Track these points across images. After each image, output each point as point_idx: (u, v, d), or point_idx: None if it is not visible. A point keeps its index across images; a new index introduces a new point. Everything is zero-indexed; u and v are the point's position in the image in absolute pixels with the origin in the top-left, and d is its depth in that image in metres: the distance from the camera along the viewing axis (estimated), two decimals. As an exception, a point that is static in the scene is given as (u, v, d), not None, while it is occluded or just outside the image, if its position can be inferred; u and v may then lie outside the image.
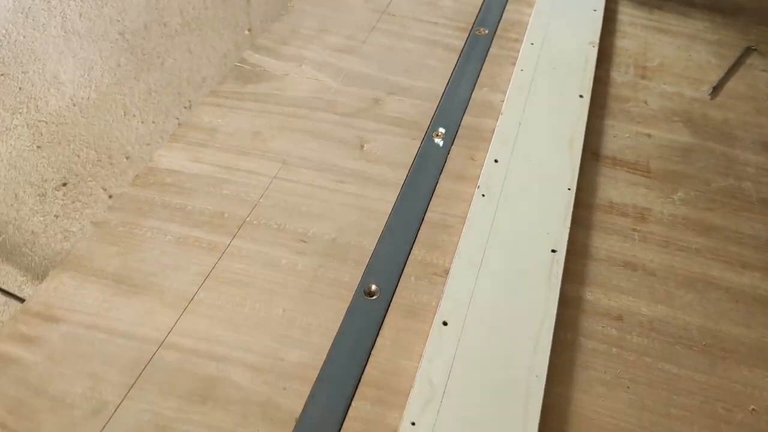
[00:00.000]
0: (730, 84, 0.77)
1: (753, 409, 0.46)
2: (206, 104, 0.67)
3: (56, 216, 1.04)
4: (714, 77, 0.78)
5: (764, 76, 0.80)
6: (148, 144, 1.19)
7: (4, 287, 0.93)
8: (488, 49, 0.78)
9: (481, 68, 0.75)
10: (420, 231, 0.56)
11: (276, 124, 0.66)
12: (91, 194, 1.09)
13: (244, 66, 0.73)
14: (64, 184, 1.03)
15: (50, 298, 0.49)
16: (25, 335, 0.47)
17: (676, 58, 0.81)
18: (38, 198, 0.98)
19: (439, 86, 0.72)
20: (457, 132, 0.66)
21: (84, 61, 0.92)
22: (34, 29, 0.82)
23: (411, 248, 0.55)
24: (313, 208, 0.58)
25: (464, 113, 0.69)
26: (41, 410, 0.43)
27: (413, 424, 0.42)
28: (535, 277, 0.51)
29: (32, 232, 1.01)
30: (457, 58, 0.76)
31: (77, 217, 1.07)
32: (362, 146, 0.64)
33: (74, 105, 0.94)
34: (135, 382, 0.45)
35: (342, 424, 0.43)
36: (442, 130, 0.66)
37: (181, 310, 0.49)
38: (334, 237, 0.56)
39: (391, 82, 0.72)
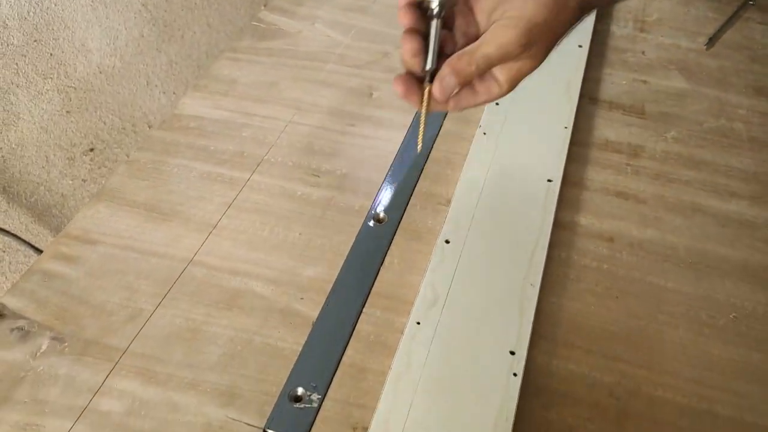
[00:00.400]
0: (727, 35, 0.80)
1: (734, 317, 0.50)
2: (225, 58, 0.72)
3: (84, 180, 1.09)
4: (711, 30, 0.81)
5: (760, 27, 0.83)
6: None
7: (37, 246, 0.98)
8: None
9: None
10: (426, 166, 0.61)
11: (290, 75, 0.70)
12: (116, 160, 1.14)
13: (260, 24, 0.77)
14: (92, 150, 1.08)
15: (87, 224, 0.54)
16: (66, 255, 0.52)
17: (675, 12, 0.84)
18: (67, 162, 1.04)
19: (444, 41, 0.76)
20: (460, 80, 0.70)
21: (109, 30, 0.97)
22: (64, -3, 0.87)
23: (417, 181, 0.59)
24: (326, 148, 0.62)
25: (468, 64, 0.72)
26: (84, 316, 0.48)
27: (418, 323, 0.46)
28: (531, 203, 0.55)
29: (62, 194, 1.06)
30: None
31: (103, 182, 1.12)
32: (371, 94, 0.68)
33: (101, 72, 1.00)
34: (167, 293, 0.49)
35: (354, 327, 0.48)
36: (446, 78, 0.70)
37: (206, 234, 0.54)
38: (345, 172, 0.60)
39: (397, 37, 0.76)
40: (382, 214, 0.56)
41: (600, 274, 0.53)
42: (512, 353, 0.45)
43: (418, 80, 0.37)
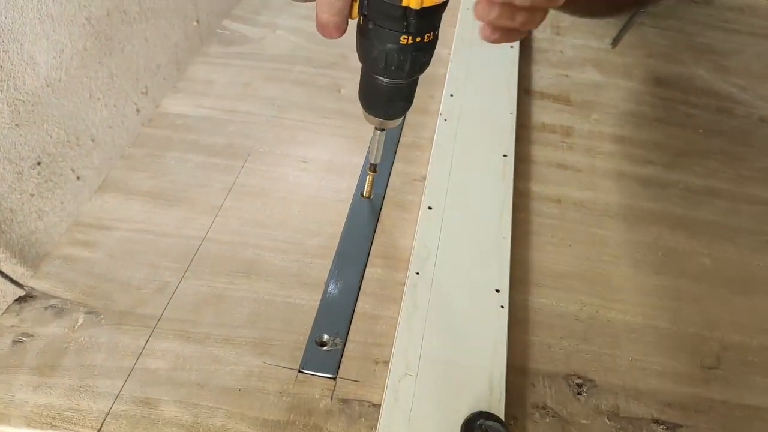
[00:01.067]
0: (626, 37, 0.95)
1: (661, 254, 0.62)
2: (198, 63, 0.77)
3: (32, 195, 1.09)
4: (613, 32, 0.96)
5: (652, 30, 0.99)
6: (110, 127, 1.25)
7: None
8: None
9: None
10: (398, 150, 0.69)
11: (263, 76, 0.76)
12: (61, 174, 1.14)
13: (225, 32, 0.83)
14: (39, 163, 1.08)
15: (98, 212, 0.58)
16: (82, 240, 0.55)
17: (582, 20, 0.99)
18: (16, 176, 1.04)
19: (395, 44, 0.85)
20: (415, 78, 0.80)
21: (56, 44, 0.99)
22: (14, 10, 0.89)
23: (393, 163, 0.67)
24: (308, 138, 0.69)
25: (419, 63, 0.82)
26: (113, 291, 0.52)
27: (418, 273, 0.54)
28: (493, 174, 0.65)
29: (11, 209, 1.06)
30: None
31: (49, 197, 1.12)
32: (339, 90, 0.76)
33: (47, 86, 1.01)
34: (188, 267, 0.54)
35: (361, 283, 0.55)
36: (403, 76, 0.79)
37: (213, 215, 0.59)
38: (329, 158, 0.67)
39: (352, 42, 0.84)
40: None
41: (554, 228, 0.63)
42: (497, 291, 0.54)
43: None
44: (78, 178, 1.17)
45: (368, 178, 0.61)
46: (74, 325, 0.49)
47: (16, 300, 0.50)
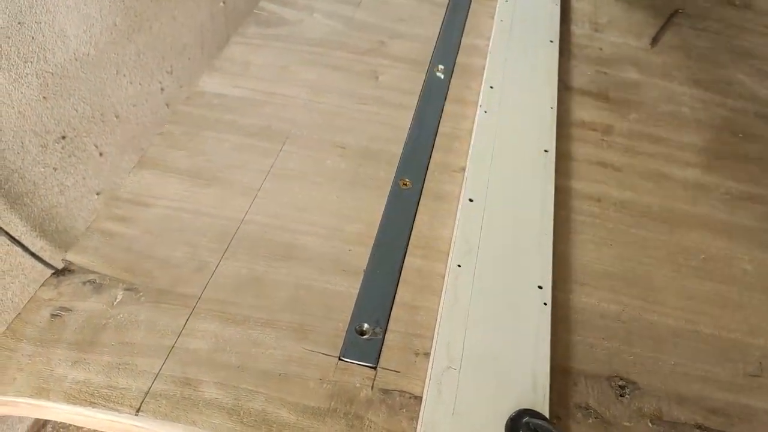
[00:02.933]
0: (665, 37, 0.94)
1: (703, 258, 0.61)
2: (235, 43, 0.76)
3: (54, 168, 1.08)
4: (652, 32, 0.94)
5: (691, 32, 0.97)
6: (134, 105, 1.24)
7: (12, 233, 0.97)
8: (470, 4, 0.90)
9: (466, 19, 0.87)
10: (436, 140, 0.68)
11: (299, 60, 0.75)
12: (85, 150, 1.13)
13: (262, 12, 0.82)
14: (63, 138, 1.08)
15: (136, 189, 0.57)
16: (121, 216, 0.55)
17: (621, 17, 0.97)
18: (40, 149, 1.03)
19: (432, 33, 0.84)
20: (453, 69, 0.79)
21: (87, 18, 0.98)
22: (47, -18, 0.87)
23: (431, 152, 0.66)
24: (344, 124, 0.68)
25: (457, 54, 0.81)
26: (152, 269, 0.51)
27: (459, 266, 0.53)
28: (533, 169, 0.64)
29: (33, 182, 1.05)
30: (444, 11, 0.89)
31: (72, 171, 1.11)
32: (377, 77, 0.75)
33: (76, 59, 1.00)
34: (227, 248, 0.54)
35: (400, 273, 0.54)
36: (441, 66, 0.78)
37: (251, 197, 0.58)
38: (366, 145, 0.66)
39: (390, 29, 0.83)
40: (407, 180, 0.63)
41: (594, 227, 0.62)
42: (540, 287, 0.53)
43: None
44: (101, 154, 1.16)
45: None
46: (113, 301, 0.48)
47: (53, 273, 0.50)
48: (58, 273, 0.49)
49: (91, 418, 0.43)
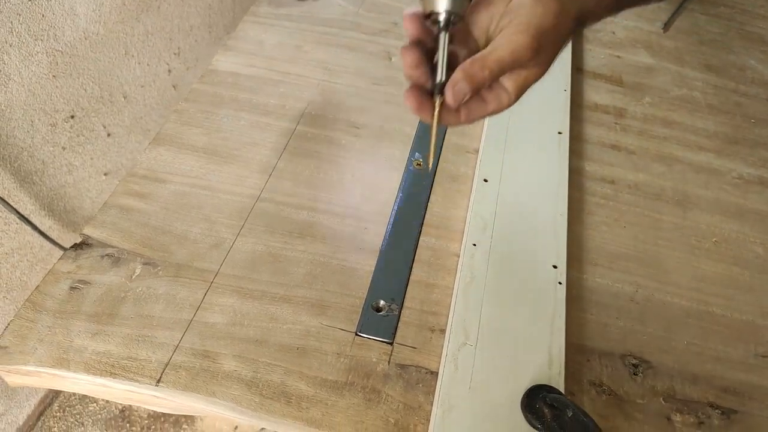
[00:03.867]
0: (678, 22, 0.93)
1: (715, 241, 0.61)
2: (248, 22, 0.76)
3: (63, 148, 1.08)
4: (665, 17, 0.94)
5: (702, 17, 0.97)
6: (142, 86, 1.24)
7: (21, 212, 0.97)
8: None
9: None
10: (450, 121, 0.68)
11: (313, 40, 0.75)
12: (93, 130, 1.13)
13: (275, -8, 0.81)
14: (72, 117, 1.07)
15: (152, 165, 0.57)
16: (137, 192, 0.55)
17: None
18: (50, 128, 1.03)
19: (445, 15, 0.84)
20: (466, 50, 0.78)
21: (96, -4, 0.97)
22: (58, -42, 0.87)
23: (445, 134, 0.66)
24: (358, 104, 0.68)
25: (470, 36, 0.80)
26: (170, 244, 0.51)
27: (474, 245, 0.54)
28: (548, 150, 0.64)
29: (42, 161, 1.05)
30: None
31: (80, 151, 1.11)
32: (390, 58, 0.75)
33: (86, 38, 0.99)
34: (244, 224, 0.54)
35: (415, 252, 0.55)
36: (454, 47, 0.78)
37: (267, 175, 0.58)
38: (381, 124, 0.66)
39: (403, 10, 0.83)
40: (421, 161, 0.63)
41: (608, 209, 0.62)
42: (555, 267, 0.53)
43: (429, 93, 0.35)
44: (108, 134, 1.16)
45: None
46: (131, 274, 0.49)
47: (71, 247, 0.50)
48: (76, 247, 0.50)
49: (111, 389, 0.44)
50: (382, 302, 0.50)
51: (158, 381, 0.43)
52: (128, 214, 0.53)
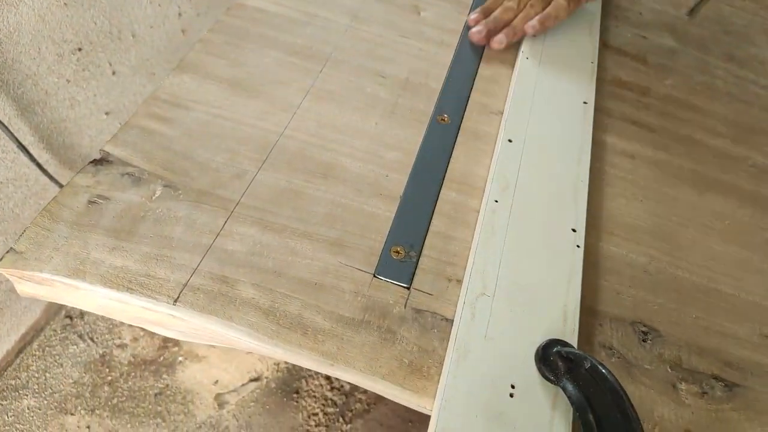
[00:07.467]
0: (703, 10, 0.93)
1: (728, 223, 0.62)
2: (277, -39, 0.74)
3: (68, 81, 1.06)
4: (690, 2, 0.93)
5: (727, 8, 0.96)
6: (151, 26, 1.21)
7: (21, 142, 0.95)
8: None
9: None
10: (475, 81, 0.67)
11: (342, -15, 0.73)
12: (98, 65, 1.11)
13: (305, -66, 0.79)
14: (79, 49, 1.05)
15: (176, 91, 0.56)
16: (160, 115, 0.54)
17: (661, -15, 0.96)
18: (56, 57, 1.00)
19: (475, -23, 0.82)
20: (494, 13, 0.77)
21: (116, -77, 0.94)
22: None
23: (470, 93, 0.66)
24: (385, 54, 0.67)
25: (499, 0, 0.79)
26: (191, 170, 0.50)
27: (496, 201, 0.53)
28: (572, 118, 0.64)
29: (46, 91, 1.03)
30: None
31: (84, 86, 1.09)
32: (419, 13, 0.74)
33: (100, -31, 0.96)
34: (267, 158, 0.53)
35: (436, 203, 0.54)
36: (482, 10, 0.77)
37: (291, 113, 0.57)
38: (406, 77, 0.65)
39: (434, -32, 0.81)
40: (445, 116, 0.62)
41: (626, 182, 0.62)
42: (573, 230, 0.53)
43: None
44: (113, 73, 1.14)
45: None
46: (152, 195, 0.48)
47: (91, 162, 0.49)
48: (96, 162, 0.49)
49: (125, 305, 0.43)
50: (400, 248, 0.50)
51: (176, 300, 0.42)
52: (150, 136, 0.52)
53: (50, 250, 0.43)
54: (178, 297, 0.42)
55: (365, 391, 1.14)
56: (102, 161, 0.49)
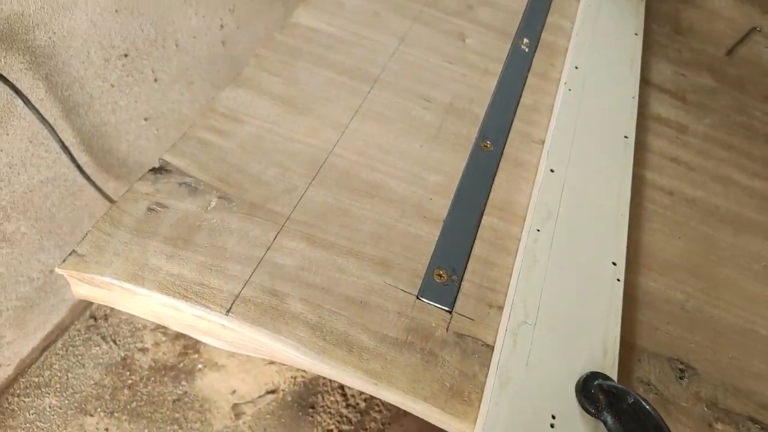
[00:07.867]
0: (741, 52, 0.94)
1: (765, 265, 0.62)
2: (329, -18, 0.76)
3: (112, 85, 1.08)
4: (729, 43, 0.94)
5: (766, 51, 0.97)
6: (194, 37, 1.24)
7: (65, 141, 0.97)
8: (558, -15, 0.90)
9: (553, -1, 0.87)
10: (518, 111, 0.68)
11: (390, 8, 0.75)
12: (142, 72, 1.13)
13: (356, -42, 0.81)
14: (125, 56, 1.07)
15: (231, 105, 0.58)
16: (217, 128, 0.55)
17: (701, 24, 0.97)
18: (104, 62, 1.03)
19: (518, 6, 0.84)
20: (537, 44, 0.79)
21: (170, -65, 0.97)
22: None
23: (512, 121, 0.67)
24: (430, 78, 0.68)
25: (542, 31, 0.81)
26: (244, 182, 0.52)
27: (538, 230, 0.54)
28: (613, 152, 0.64)
29: (91, 95, 1.05)
30: (531, -13, 0.88)
31: (127, 92, 1.11)
32: (464, 40, 0.75)
33: (152, -23, 0.99)
34: (316, 175, 0.54)
35: (478, 228, 0.55)
36: (526, 40, 0.78)
37: (340, 132, 0.59)
38: (450, 102, 0.66)
39: (479, -4, 0.83)
40: (488, 142, 0.63)
41: (665, 219, 0.63)
42: (614, 264, 0.54)
43: None
44: (155, 80, 1.16)
45: None
46: (207, 206, 0.49)
47: (150, 170, 0.50)
48: (155, 170, 0.50)
49: (178, 313, 0.44)
50: (443, 271, 0.51)
51: (228, 311, 0.43)
52: (207, 148, 0.53)
53: (111, 255, 0.44)
54: (230, 308, 0.43)
55: (380, 411, 1.14)
56: (161, 170, 0.50)
